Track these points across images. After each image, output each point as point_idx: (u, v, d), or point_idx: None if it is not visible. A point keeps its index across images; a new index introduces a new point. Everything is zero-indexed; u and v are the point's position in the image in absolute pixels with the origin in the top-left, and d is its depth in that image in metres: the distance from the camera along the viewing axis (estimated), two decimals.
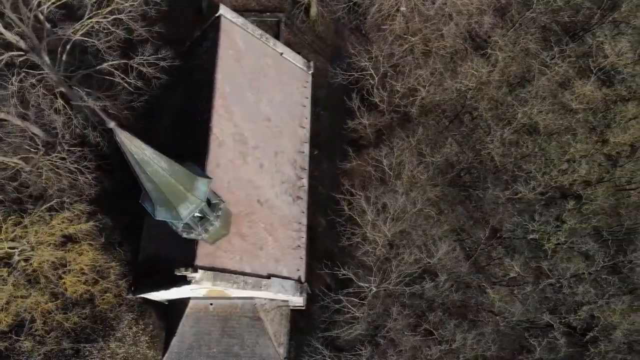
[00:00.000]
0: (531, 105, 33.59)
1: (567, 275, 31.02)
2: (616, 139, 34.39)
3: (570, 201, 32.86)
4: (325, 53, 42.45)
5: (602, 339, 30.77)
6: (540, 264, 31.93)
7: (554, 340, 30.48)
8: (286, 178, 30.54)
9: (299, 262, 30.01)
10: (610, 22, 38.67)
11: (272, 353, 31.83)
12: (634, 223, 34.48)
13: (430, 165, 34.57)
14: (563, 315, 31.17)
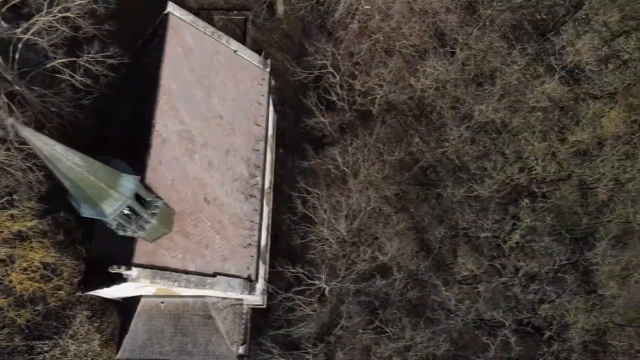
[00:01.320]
0: (487, 103, 32.69)
1: (520, 274, 30.12)
2: (575, 137, 33.46)
3: (525, 199, 31.97)
4: (292, 51, 41.75)
5: (557, 338, 29.92)
6: (493, 262, 31.03)
7: (507, 339, 29.67)
8: (238, 176, 29.79)
9: (250, 261, 29.25)
10: (573, 20, 37.73)
11: (225, 351, 31.16)
12: (594, 222, 33.53)
13: (387, 164, 33.80)
14: (516, 314, 30.33)
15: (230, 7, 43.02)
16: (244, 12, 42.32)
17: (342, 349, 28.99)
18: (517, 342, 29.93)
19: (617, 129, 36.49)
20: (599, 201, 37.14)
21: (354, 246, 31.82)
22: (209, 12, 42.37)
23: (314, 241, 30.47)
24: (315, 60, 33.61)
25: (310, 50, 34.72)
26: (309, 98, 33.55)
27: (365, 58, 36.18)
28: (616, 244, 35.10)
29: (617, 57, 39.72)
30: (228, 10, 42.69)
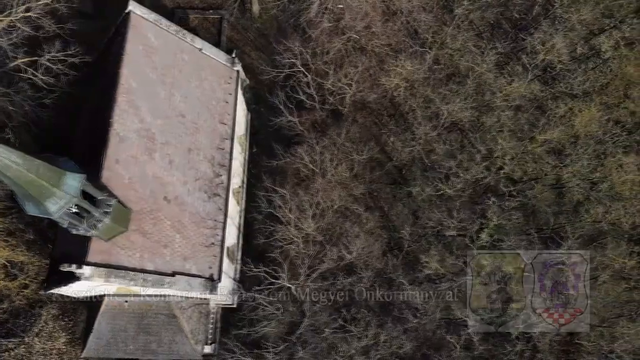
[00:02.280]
0: (454, 103, 32.37)
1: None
2: (544, 136, 33.10)
3: (492, 198, 31.66)
4: (267, 50, 41.47)
5: (522, 337, 29.62)
6: (456, 261, 30.73)
7: (470, 338, 29.39)
8: (201, 175, 29.60)
9: (212, 260, 29.06)
10: (546, 18, 37.30)
11: (190, 350, 31.08)
12: (565, 222, 33.16)
13: (355, 163, 33.53)
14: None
15: (206, 7, 42.79)
16: (219, 11, 42.07)
17: (305, 348, 28.69)
18: (480, 341, 29.62)
19: (589, 128, 35.99)
20: (574, 200, 36.80)
21: (321, 245, 31.53)
22: (184, 11, 42.15)
23: (278, 240, 30.16)
24: (283, 59, 33.26)
25: (278, 49, 34.35)
26: (276, 97, 33.27)
27: (337, 57, 35.87)
28: (590, 244, 34.80)
29: (596, 56, 39.26)
30: (204, 10, 42.47)
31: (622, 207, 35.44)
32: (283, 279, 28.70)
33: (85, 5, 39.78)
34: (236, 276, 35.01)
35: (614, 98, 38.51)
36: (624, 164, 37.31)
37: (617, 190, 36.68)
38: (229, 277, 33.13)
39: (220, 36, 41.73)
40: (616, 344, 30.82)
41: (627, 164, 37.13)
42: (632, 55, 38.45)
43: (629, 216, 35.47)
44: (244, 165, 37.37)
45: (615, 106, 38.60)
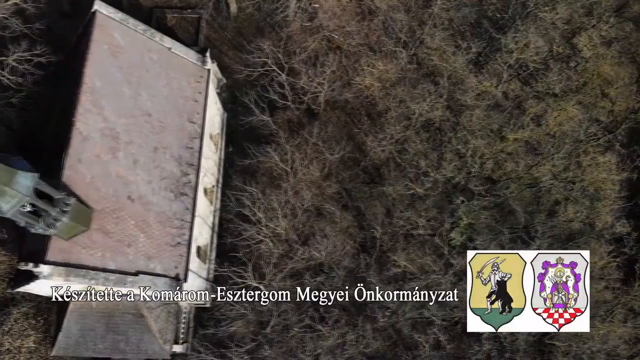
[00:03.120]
0: (424, 102, 32.26)
1: (450, 272, 29.75)
2: (515, 135, 32.98)
3: (460, 197, 31.55)
4: (244, 49, 41.37)
5: (489, 337, 29.52)
6: (424, 259, 30.65)
7: (437, 337, 29.31)
8: (167, 174, 29.61)
9: (179, 260, 29.05)
10: (521, 17, 37.11)
11: (158, 350, 31.15)
12: (537, 221, 33.02)
13: (327, 162, 33.48)
14: (449, 312, 29.95)
15: (184, 6, 42.75)
16: (197, 10, 42.04)
17: (271, 347, 28.66)
18: (448, 340, 29.53)
19: (564, 127, 35.87)
20: (551, 199, 36.71)
21: (290, 245, 31.48)
22: (162, 11, 42.15)
23: (246, 239, 30.15)
24: (254, 58, 33.27)
25: (249, 48, 34.35)
26: (246, 95, 33.24)
27: (311, 56, 35.81)
28: (567, 243, 34.67)
29: (573, 55, 39.10)
30: (182, 9, 42.45)
31: (595, 207, 35.26)
32: (249, 279, 28.59)
33: (62, 5, 39.90)
34: (210, 276, 34.97)
35: (591, 97, 38.27)
36: (600, 163, 37.17)
37: (590, 189, 36.54)
38: (200, 277, 33.07)
39: (198, 35, 41.84)
40: (587, 344, 30.56)
41: (604, 163, 36.96)
42: (608, 54, 38.21)
43: (602, 216, 35.28)
44: (219, 165, 37.35)
45: (592, 105, 38.37)
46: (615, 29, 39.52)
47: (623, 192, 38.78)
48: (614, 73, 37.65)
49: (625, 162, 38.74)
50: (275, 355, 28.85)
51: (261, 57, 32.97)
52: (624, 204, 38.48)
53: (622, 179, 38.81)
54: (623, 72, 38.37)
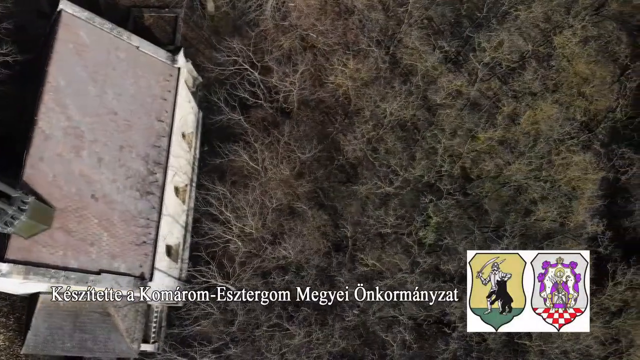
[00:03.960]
0: (394, 101, 32.24)
1: (417, 270, 29.75)
2: (485, 134, 32.93)
3: (428, 196, 31.55)
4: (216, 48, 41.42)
5: (455, 335, 29.53)
6: (393, 258, 30.65)
7: (403, 336, 29.33)
8: (133, 173, 29.69)
9: (144, 259, 29.12)
10: (496, 16, 37.05)
11: (125, 348, 31.19)
12: (508, 220, 33.02)
13: (297, 161, 33.50)
14: (416, 311, 29.95)
15: (162, 5, 42.82)
16: (174, 9, 42.12)
17: (237, 345, 28.72)
18: (415, 339, 29.55)
19: (538, 126, 35.82)
20: (528, 199, 36.64)
21: (259, 244, 31.53)
22: (139, 10, 42.26)
23: (213, 239, 30.20)
24: (224, 57, 33.31)
25: (219, 47, 34.41)
26: (215, 94, 33.28)
27: (284, 55, 35.81)
28: (542, 243, 34.66)
29: (549, 54, 38.98)
30: (159, 8, 42.54)
31: (570, 206, 35.22)
32: (213, 278, 28.64)
33: (42, 4, 39.99)
34: (182, 275, 35.00)
35: (567, 96, 38.16)
36: (576, 162, 37.09)
37: (566, 188, 36.50)
38: (170, 276, 33.10)
39: (175, 34, 41.96)
40: (555, 344, 30.52)
41: (579, 162, 36.88)
42: (585, 53, 38.08)
43: (576, 215, 35.22)
44: (193, 164, 37.37)
45: (569, 104, 38.25)
46: (593, 28, 39.30)
47: (600, 191, 38.77)
48: (589, 71, 37.59)
49: (603, 161, 38.68)
50: (241, 353, 28.85)
51: (231, 55, 32.91)
52: (600, 203, 38.52)
53: (598, 178, 38.79)
54: (600, 71, 38.26)
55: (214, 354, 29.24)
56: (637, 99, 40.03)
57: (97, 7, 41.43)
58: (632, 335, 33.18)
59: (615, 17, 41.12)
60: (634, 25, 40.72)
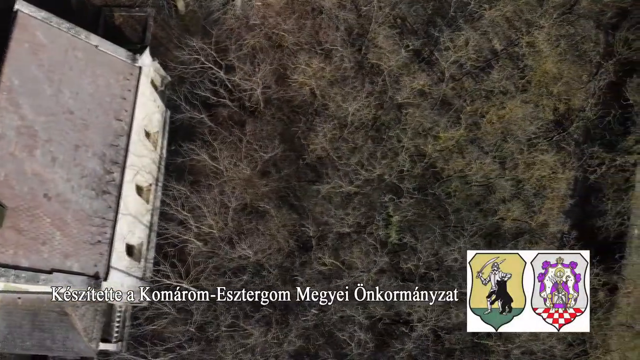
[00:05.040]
0: (354, 101, 32.33)
1: (373, 270, 29.85)
2: (446, 134, 32.95)
3: (388, 195, 31.62)
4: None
5: (410, 333, 29.64)
6: (352, 257, 30.73)
7: (358, 336, 29.43)
8: (89, 172, 29.91)
9: (98, 258, 29.33)
10: (463, 14, 37.06)
11: (84, 348, 31.49)
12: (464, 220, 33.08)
13: (259, 160, 33.62)
14: (370, 310, 30.06)
15: (133, 4, 42.99)
16: (145, 8, 42.32)
17: (190, 345, 28.88)
18: (372, 339, 29.64)
19: (507, 125, 35.79)
20: (496, 198, 36.64)
21: (219, 244, 31.66)
22: (110, 9, 42.45)
23: (167, 238, 30.39)
24: (184, 55, 33.48)
25: (180, 45, 34.59)
26: (174, 93, 33.45)
27: (249, 53, 35.93)
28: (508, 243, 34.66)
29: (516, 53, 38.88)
30: (130, 7, 42.72)
31: (536, 206, 35.20)
32: (169, 277, 28.81)
33: None
34: (146, 275, 35.13)
35: (536, 95, 38.08)
36: (544, 161, 37.08)
37: (533, 188, 36.49)
38: (131, 275, 33.20)
39: (145, 33, 42.13)
40: (514, 344, 30.54)
41: (545, 161, 36.87)
42: (554, 52, 37.98)
43: (543, 215, 35.17)
44: (159, 163, 37.50)
45: (538, 103, 38.18)
46: (569, 27, 39.22)
47: (571, 191, 38.76)
48: (557, 70, 37.47)
49: (572, 160, 38.67)
50: (198, 353, 29.00)
51: (192, 54, 33.06)
52: (572, 203, 38.54)
53: (569, 178, 38.80)
54: (574, 70, 38.26)
55: (169, 353, 29.36)
56: (608, 98, 39.98)
57: (69, 7, 41.81)
58: (596, 337, 33.10)
59: (588, 15, 40.95)
60: (605, 23, 40.53)
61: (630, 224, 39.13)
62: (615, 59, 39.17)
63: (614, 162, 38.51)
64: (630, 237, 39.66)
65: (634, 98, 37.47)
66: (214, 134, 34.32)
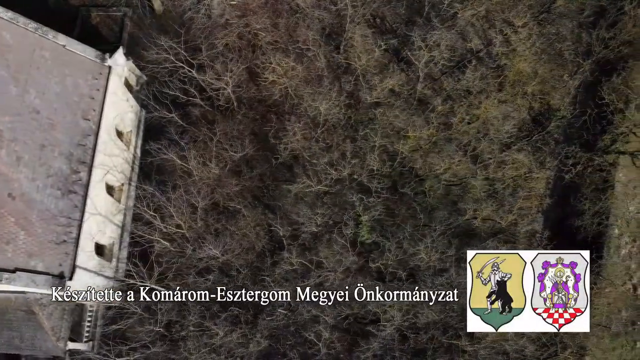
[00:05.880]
0: (323, 101, 32.44)
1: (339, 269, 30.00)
2: (415, 133, 33.00)
3: (356, 195, 31.74)
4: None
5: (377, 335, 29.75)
6: (315, 257, 30.82)
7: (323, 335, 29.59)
8: (54, 172, 30.11)
9: (64, 257, 29.50)
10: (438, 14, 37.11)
11: (52, 347, 31.69)
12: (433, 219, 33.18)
13: (228, 160, 33.74)
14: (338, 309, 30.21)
15: (110, 4, 43.10)
16: (122, 8, 42.41)
17: (155, 346, 29.02)
18: (340, 338, 29.74)
19: (481, 125, 35.85)
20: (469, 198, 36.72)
21: (189, 244, 31.79)
22: (87, 9, 42.56)
23: (134, 237, 30.55)
24: (152, 55, 33.60)
25: (149, 44, 34.73)
26: (143, 91, 33.64)
27: (221, 52, 36.04)
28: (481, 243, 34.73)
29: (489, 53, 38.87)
30: (107, 7, 42.82)
31: (509, 205, 35.21)
32: (134, 278, 28.97)
33: None
34: (118, 275, 35.26)
35: (511, 95, 38.04)
36: (518, 161, 37.08)
37: (507, 188, 36.52)
38: (101, 275, 33.35)
39: (122, 33, 42.23)
40: (481, 344, 30.57)
41: (521, 160, 36.88)
42: (528, 52, 37.91)
43: (507, 215, 35.11)
44: (132, 163, 37.63)
45: (512, 103, 38.12)
46: (539, 25, 39.17)
47: (547, 191, 38.78)
48: (531, 70, 37.44)
49: (549, 160, 38.64)
50: (161, 352, 29.13)
51: (161, 53, 33.20)
52: (547, 203, 38.54)
53: (546, 177, 38.80)
54: (542, 69, 38.15)
55: (134, 352, 29.49)
56: (584, 97, 39.94)
57: (47, 7, 42.00)
58: (566, 339, 33.06)
59: (565, 14, 40.84)
60: (583, 21, 40.43)
61: (609, 224, 39.22)
62: (594, 58, 39.22)
63: (591, 161, 38.58)
64: (609, 237, 39.80)
65: (609, 97, 37.38)
66: (184, 133, 34.37)
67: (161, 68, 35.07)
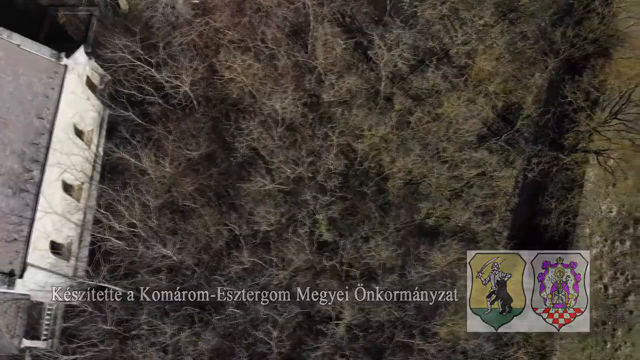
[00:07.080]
0: (279, 99, 32.63)
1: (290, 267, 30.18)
2: (370, 132, 33.15)
3: (309, 193, 31.87)
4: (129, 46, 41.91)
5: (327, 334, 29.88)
6: (269, 254, 30.97)
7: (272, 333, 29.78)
8: (5, 170, 30.48)
9: (14, 256, 29.77)
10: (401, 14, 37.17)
11: (7, 344, 31.96)
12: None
13: (183, 159, 33.92)
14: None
15: (77, 3, 43.35)
16: (89, 7, 42.67)
17: (104, 344, 29.24)
18: (290, 336, 29.93)
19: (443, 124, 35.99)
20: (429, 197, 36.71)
21: (142, 243, 31.96)
22: (55, 9, 42.83)
23: None
24: (107, 54, 33.86)
25: (104, 43, 34.98)
26: (99, 91, 33.84)
27: (180, 50, 36.20)
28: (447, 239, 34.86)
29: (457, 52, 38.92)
30: (74, 6, 43.07)
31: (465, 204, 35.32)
32: (84, 277, 29.24)
33: None
34: (77, 273, 35.46)
35: (473, 94, 38.07)
36: (482, 160, 37.13)
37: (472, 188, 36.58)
38: (57, 274, 33.49)
39: (87, 32, 42.49)
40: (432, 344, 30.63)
41: (484, 159, 36.95)
42: (494, 50, 37.98)
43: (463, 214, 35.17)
44: (93, 162, 37.83)
45: (474, 102, 38.15)
46: (504, 24, 39.18)
47: (516, 190, 38.82)
48: (492, 69, 37.49)
49: (518, 159, 38.64)
50: (110, 351, 29.34)
51: (116, 51, 33.43)
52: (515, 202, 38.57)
53: (514, 176, 38.78)
54: (504, 68, 38.19)
55: (81, 351, 29.72)
56: (550, 96, 39.93)
57: (14, 6, 42.30)
58: (519, 339, 33.00)
59: (531, 13, 40.75)
60: (549, 19, 40.37)
61: (577, 223, 39.08)
62: (560, 57, 39.20)
63: (558, 160, 38.49)
64: (577, 236, 39.64)
65: (573, 96, 37.34)
66: (145, 132, 34.57)
67: (118, 67, 35.22)
